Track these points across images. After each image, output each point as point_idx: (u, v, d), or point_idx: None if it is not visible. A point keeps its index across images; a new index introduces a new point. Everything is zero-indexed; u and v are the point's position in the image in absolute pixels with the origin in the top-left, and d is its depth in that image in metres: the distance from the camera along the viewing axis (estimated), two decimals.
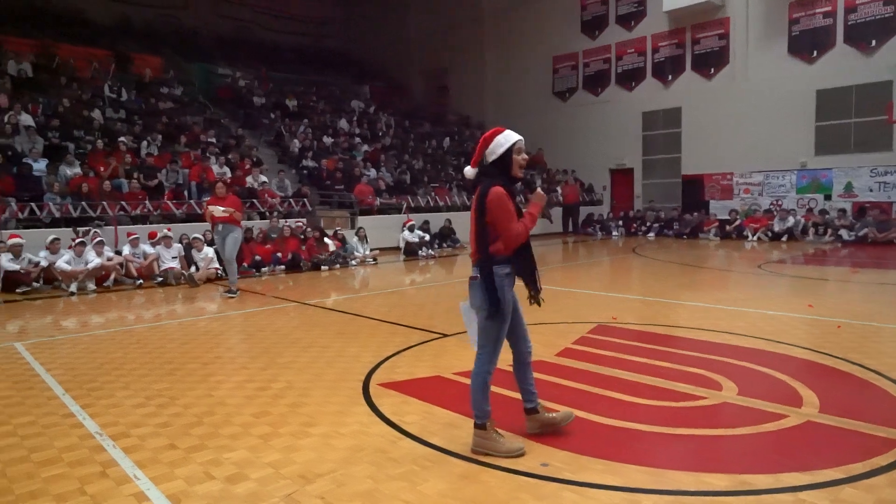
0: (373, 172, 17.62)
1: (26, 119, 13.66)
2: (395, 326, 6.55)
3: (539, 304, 3.52)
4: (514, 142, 3.27)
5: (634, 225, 19.76)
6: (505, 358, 3.54)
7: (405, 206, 16.36)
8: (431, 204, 17.31)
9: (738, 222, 17.50)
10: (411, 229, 14.56)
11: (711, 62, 19.33)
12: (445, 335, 6.11)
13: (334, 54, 27.05)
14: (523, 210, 3.39)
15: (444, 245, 15.86)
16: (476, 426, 3.32)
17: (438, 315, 7.22)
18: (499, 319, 3.27)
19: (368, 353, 5.41)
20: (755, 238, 16.61)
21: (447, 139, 22.83)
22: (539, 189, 3.45)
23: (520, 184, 3.51)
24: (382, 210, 16.25)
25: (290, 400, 4.21)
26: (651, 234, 18.92)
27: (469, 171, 3.40)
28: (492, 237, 3.23)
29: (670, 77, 20.36)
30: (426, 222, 15.69)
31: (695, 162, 19.85)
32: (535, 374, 4.63)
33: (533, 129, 23.98)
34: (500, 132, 3.30)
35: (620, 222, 20.21)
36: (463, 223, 17.08)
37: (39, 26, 18.49)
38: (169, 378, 4.80)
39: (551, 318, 6.91)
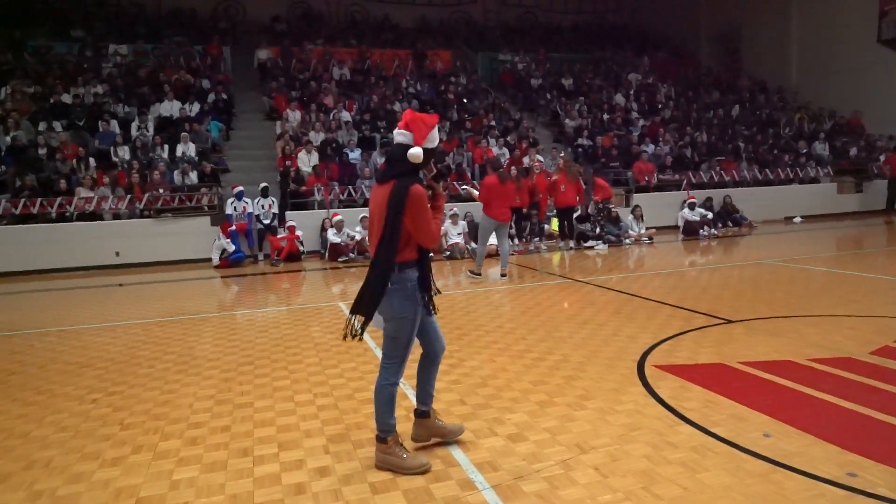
0: (651, 148, 16.85)
1: (345, 115, 16.18)
2: (675, 309, 6.26)
3: (436, 312, 3.20)
4: (438, 142, 3.01)
5: None
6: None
7: (685, 182, 15.35)
8: (716, 179, 15.92)
9: None
10: (692, 207, 13.61)
11: None
12: (731, 321, 5.64)
13: (614, 28, 26.34)
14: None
15: (728, 224, 14.50)
16: (378, 439, 3.04)
17: (724, 299, 6.68)
18: (409, 328, 2.99)
19: (646, 335, 5.28)
20: None
21: (736, 107, 20.64)
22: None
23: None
24: (660, 187, 15.49)
25: (566, 373, 4.35)
26: None
27: (417, 151, 2.88)
28: (403, 242, 2.90)
29: None
30: (709, 199, 14.52)
31: None
32: (843, 373, 4.09)
33: (849, 88, 20.35)
34: (438, 123, 2.99)
35: None
36: (748, 199, 15.40)
37: (358, 36, 21.61)
38: (458, 342, 5.33)
39: (867, 310, 5.89)
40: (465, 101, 18.36)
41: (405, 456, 2.99)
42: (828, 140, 18.76)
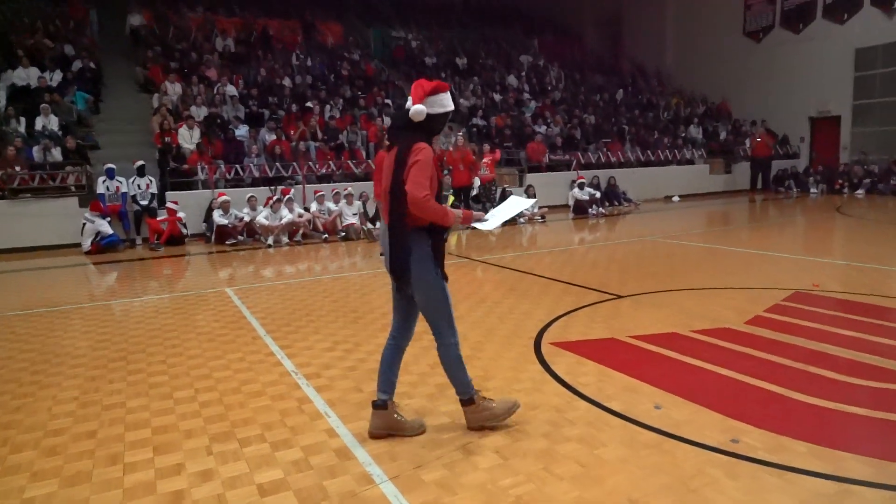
0: (543, 129, 17.26)
1: (231, 90, 15.23)
2: (567, 286, 6.40)
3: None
4: (450, 110, 2.92)
5: (839, 181, 17.33)
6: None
7: (575, 162, 15.87)
8: (602, 160, 16.60)
9: None
10: (581, 186, 14.10)
11: None
12: (619, 296, 5.84)
13: (503, 8, 26.59)
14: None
15: (614, 203, 15.19)
16: (464, 403, 3.03)
17: (613, 275, 6.94)
18: (438, 292, 2.90)
19: (540, 311, 5.35)
20: None
21: (620, 91, 21.62)
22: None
23: None
24: (552, 167, 15.93)
25: (464, 353, 4.24)
26: (860, 191, 16.50)
27: (420, 108, 2.78)
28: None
29: None
30: (595, 178, 15.10)
31: None
32: (723, 343, 4.31)
33: (719, 75, 21.89)
34: (448, 89, 2.91)
35: (820, 177, 17.85)
36: (633, 180, 16.21)
37: (243, 5, 20.32)
38: (353, 326, 5.13)
39: (739, 282, 6.32)
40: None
41: (493, 405, 3.02)
42: (701, 124, 20.11)
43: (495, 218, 3.08)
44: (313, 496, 2.53)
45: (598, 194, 14.36)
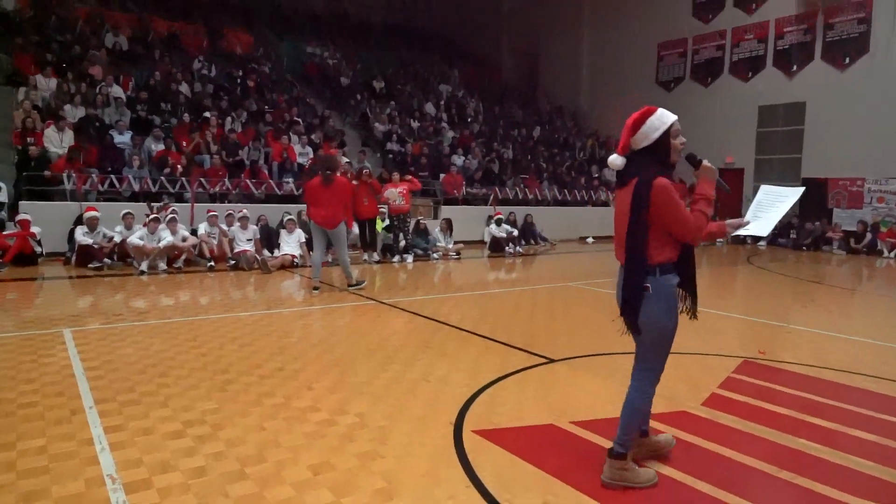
0: (461, 160, 16.59)
1: (117, 91, 13.52)
2: (489, 342, 5.47)
3: (696, 318, 2.99)
4: (670, 123, 2.76)
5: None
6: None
7: (493, 197, 15.24)
8: (520, 196, 16.10)
9: (868, 238, 15.18)
10: (499, 223, 13.44)
11: (847, 50, 17.01)
12: (552, 360, 4.97)
13: (424, 32, 26.13)
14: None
15: (531, 241, 14.66)
16: (614, 455, 2.83)
17: (539, 329, 6.08)
18: (668, 337, 2.80)
19: (461, 378, 4.36)
20: (893, 255, 14.39)
21: (538, 128, 21.47)
22: (705, 161, 2.87)
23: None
24: (468, 200, 15.22)
25: (362, 447, 3.21)
26: (762, 243, 16.94)
27: (617, 159, 2.85)
28: (651, 238, 2.70)
29: (795, 67, 18.14)
30: (512, 213, 14.52)
31: (818, 164, 17.59)
32: (683, 434, 3.47)
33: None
34: (653, 112, 2.77)
35: None
36: (549, 219, 15.80)
37: (141, 2, 18.56)
38: (219, 395, 3.92)
39: (679, 345, 5.62)
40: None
41: (637, 471, 2.86)
42: None
43: (765, 218, 2.94)
44: None
45: (515, 232, 13.74)
